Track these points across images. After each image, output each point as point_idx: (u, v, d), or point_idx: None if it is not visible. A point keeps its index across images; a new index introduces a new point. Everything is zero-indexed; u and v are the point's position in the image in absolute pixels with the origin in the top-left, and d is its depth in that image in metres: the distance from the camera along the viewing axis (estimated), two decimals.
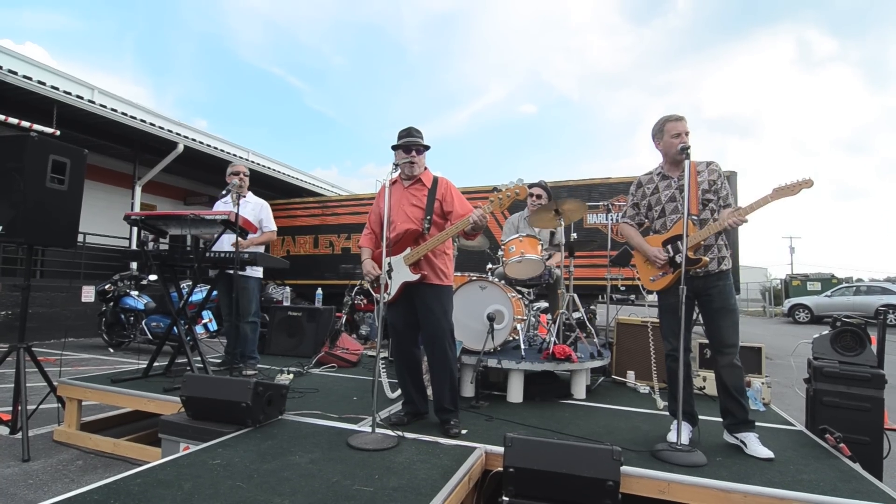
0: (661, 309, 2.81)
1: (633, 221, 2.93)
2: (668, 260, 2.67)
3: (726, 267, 2.69)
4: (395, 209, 2.93)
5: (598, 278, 7.54)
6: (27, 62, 11.22)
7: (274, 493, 1.86)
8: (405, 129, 2.95)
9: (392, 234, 2.89)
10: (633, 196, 2.93)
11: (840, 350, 2.96)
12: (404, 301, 2.90)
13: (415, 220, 2.88)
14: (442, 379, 2.84)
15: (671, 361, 2.70)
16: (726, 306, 2.66)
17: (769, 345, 4.11)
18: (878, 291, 17.31)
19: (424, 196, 2.91)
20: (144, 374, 3.78)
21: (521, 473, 2.00)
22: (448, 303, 2.93)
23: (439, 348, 2.84)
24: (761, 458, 2.44)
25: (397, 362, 3.01)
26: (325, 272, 10.53)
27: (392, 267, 2.85)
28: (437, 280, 2.87)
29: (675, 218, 2.72)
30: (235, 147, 15.49)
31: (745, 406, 2.63)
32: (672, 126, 2.70)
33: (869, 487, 2.11)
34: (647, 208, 2.87)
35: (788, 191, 2.46)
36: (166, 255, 3.95)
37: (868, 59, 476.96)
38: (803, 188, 2.44)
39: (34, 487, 2.69)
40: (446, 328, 2.86)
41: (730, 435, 2.69)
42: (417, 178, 2.96)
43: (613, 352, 4.35)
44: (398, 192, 2.98)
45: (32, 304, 7.88)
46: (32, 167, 3.21)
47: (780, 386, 5.44)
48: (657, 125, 2.78)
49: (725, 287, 2.67)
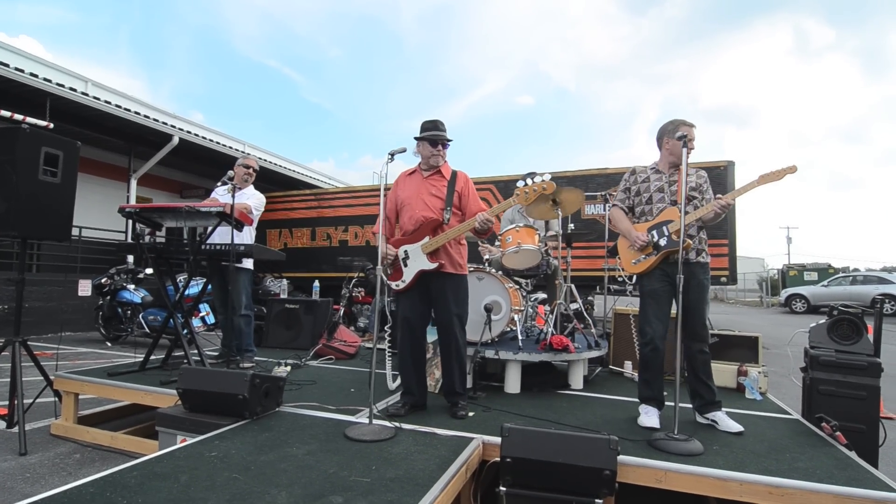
0: (642, 295, 2.96)
1: (623, 205, 3.07)
2: (648, 243, 2.83)
3: (704, 260, 2.87)
4: (414, 198, 2.99)
5: (595, 269, 7.53)
6: (19, 54, 11.09)
7: (271, 484, 1.86)
8: (431, 122, 3.02)
9: (410, 223, 2.98)
10: (626, 181, 3.08)
11: (837, 339, 2.97)
12: (418, 289, 2.97)
13: (434, 209, 2.94)
14: (452, 364, 2.94)
15: (649, 351, 2.83)
16: (702, 298, 2.84)
17: (766, 334, 4.13)
18: (875, 281, 17.37)
19: (444, 187, 2.98)
20: (141, 367, 3.77)
21: (518, 463, 2.01)
22: (463, 292, 3.01)
23: (452, 335, 2.93)
24: (733, 431, 2.63)
25: (402, 352, 3.02)
26: (322, 265, 10.51)
27: (408, 255, 2.93)
28: (453, 269, 2.94)
29: (661, 207, 2.89)
30: (231, 139, 15.38)
31: (712, 388, 2.82)
32: (685, 130, 2.80)
33: (864, 475, 2.11)
34: (635, 194, 3.02)
35: (773, 176, 2.63)
36: (162, 247, 3.92)
37: (865, 48, 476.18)
38: (787, 174, 2.63)
39: (31, 481, 2.69)
40: (460, 316, 2.95)
41: (700, 416, 2.85)
42: (437, 169, 3.02)
43: (611, 342, 4.36)
44: (417, 182, 3.04)
45: (29, 299, 7.86)
46: (24, 159, 3.18)
47: (777, 375, 5.46)
48: (672, 125, 2.90)
49: (704, 280, 2.85)
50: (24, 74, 7.78)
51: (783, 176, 2.62)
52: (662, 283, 2.84)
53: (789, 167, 2.62)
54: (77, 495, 1.73)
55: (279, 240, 11.21)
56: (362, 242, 10.28)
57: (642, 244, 2.84)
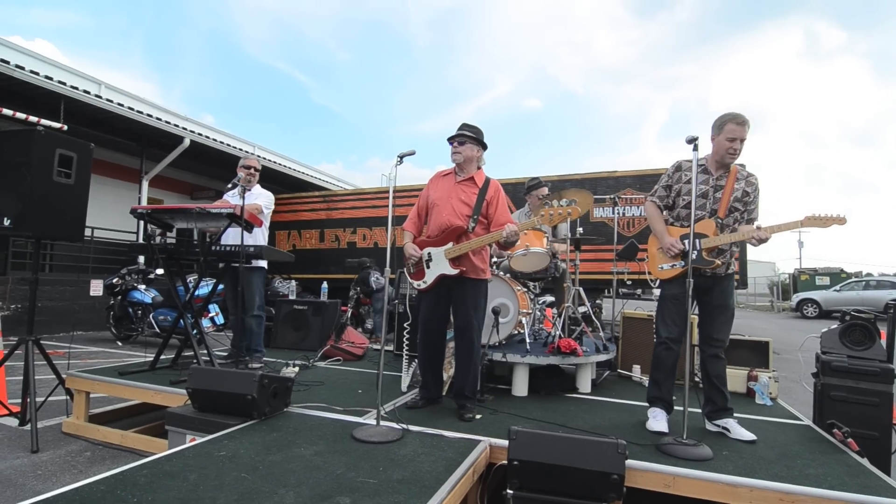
0: (663, 297, 2.88)
1: (661, 202, 2.91)
2: (681, 252, 2.70)
3: (732, 271, 2.81)
4: (444, 201, 3.02)
5: (604, 272, 7.50)
6: (35, 57, 11.25)
7: (279, 484, 1.87)
8: (460, 125, 3.05)
9: (436, 226, 3.01)
10: (670, 178, 2.87)
11: (849, 344, 2.94)
12: (437, 291, 3.02)
13: (461, 216, 2.96)
14: (466, 368, 2.96)
15: (663, 349, 2.80)
16: (726, 304, 2.77)
17: (777, 339, 4.08)
18: (888, 286, 17.10)
19: (475, 194, 2.99)
20: (151, 366, 3.81)
21: (525, 466, 2.00)
22: (482, 297, 3.03)
23: (468, 339, 2.96)
24: (745, 440, 2.56)
25: (422, 348, 3.12)
26: (330, 266, 10.56)
27: (432, 257, 2.99)
28: (474, 275, 2.97)
29: (700, 214, 2.73)
30: (241, 142, 15.50)
31: (725, 394, 2.74)
32: (731, 129, 2.64)
33: (877, 482, 2.09)
34: (676, 194, 2.85)
35: (820, 222, 2.53)
36: (172, 248, 3.96)
37: (877, 51, 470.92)
38: (835, 224, 2.52)
39: (42, 478, 2.72)
40: (477, 321, 2.97)
41: (710, 423, 2.78)
42: (471, 175, 3.03)
43: (619, 346, 4.33)
44: (448, 185, 3.07)
45: (41, 298, 7.96)
46: (39, 161, 3.22)
47: (788, 381, 5.40)
48: (720, 119, 2.71)
49: (728, 287, 2.78)
50: (39, 77, 7.89)
51: (830, 224, 2.51)
52: (683, 289, 2.65)
53: (838, 217, 2.50)
54: (88, 493, 1.75)
55: (288, 241, 11.27)
56: (370, 244, 10.32)
57: (676, 252, 2.72)
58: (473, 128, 3.03)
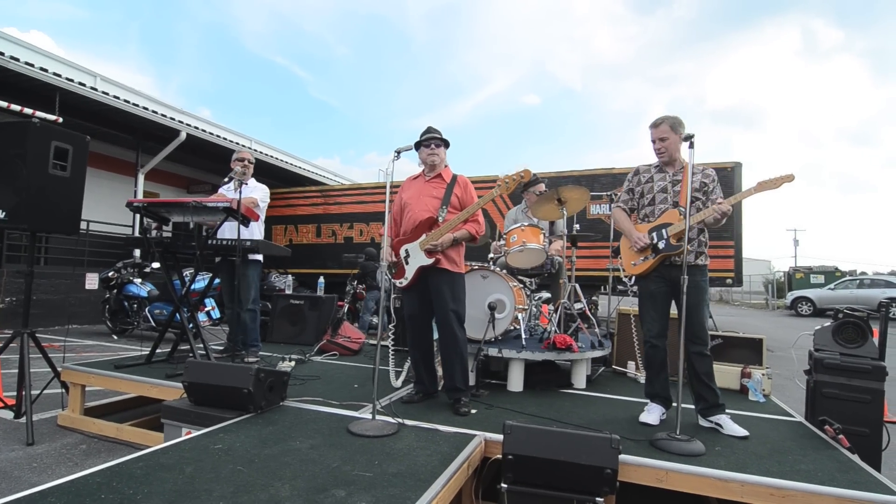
0: (640, 295, 3.00)
1: (625, 206, 3.08)
2: (648, 245, 2.84)
3: (703, 262, 2.86)
4: (416, 200, 3.15)
5: (600, 269, 7.52)
6: (30, 49, 11.17)
7: (274, 477, 1.88)
8: (425, 129, 3.21)
9: (409, 223, 3.12)
10: (630, 182, 3.09)
11: (841, 342, 2.96)
12: (419, 286, 3.09)
13: (432, 209, 3.07)
14: (452, 360, 3.00)
15: (649, 348, 2.90)
16: (701, 300, 2.82)
17: (770, 336, 4.11)
18: (882, 285, 17.23)
19: (443, 189, 3.12)
20: (147, 360, 3.80)
21: (519, 460, 2.01)
22: (459, 289, 3.09)
23: (449, 331, 3.01)
24: (738, 436, 2.59)
25: (411, 346, 3.18)
26: (327, 261, 10.55)
27: (409, 253, 3.07)
28: (449, 266, 3.04)
29: (663, 208, 2.89)
30: (238, 135, 15.45)
31: (716, 391, 2.78)
32: (651, 133, 2.89)
33: (867, 478, 2.11)
34: (639, 195, 3.03)
35: (771, 184, 2.67)
36: (168, 242, 3.95)
37: (874, 50, 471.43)
38: (785, 182, 2.66)
39: (38, 470, 2.72)
40: (456, 312, 3.02)
41: (704, 419, 2.81)
42: (438, 173, 3.17)
43: (614, 342, 4.35)
44: (419, 185, 3.21)
45: (37, 291, 7.94)
46: (35, 153, 3.21)
47: (781, 378, 5.44)
48: (679, 120, 2.89)
49: (702, 282, 2.82)
50: (34, 69, 7.85)
51: (780, 184, 2.66)
52: (659, 285, 2.87)
53: (786, 176, 2.66)
54: (84, 485, 1.76)
55: (284, 236, 11.25)
56: (367, 239, 10.31)
57: (642, 246, 2.85)
58: (438, 131, 3.21)
